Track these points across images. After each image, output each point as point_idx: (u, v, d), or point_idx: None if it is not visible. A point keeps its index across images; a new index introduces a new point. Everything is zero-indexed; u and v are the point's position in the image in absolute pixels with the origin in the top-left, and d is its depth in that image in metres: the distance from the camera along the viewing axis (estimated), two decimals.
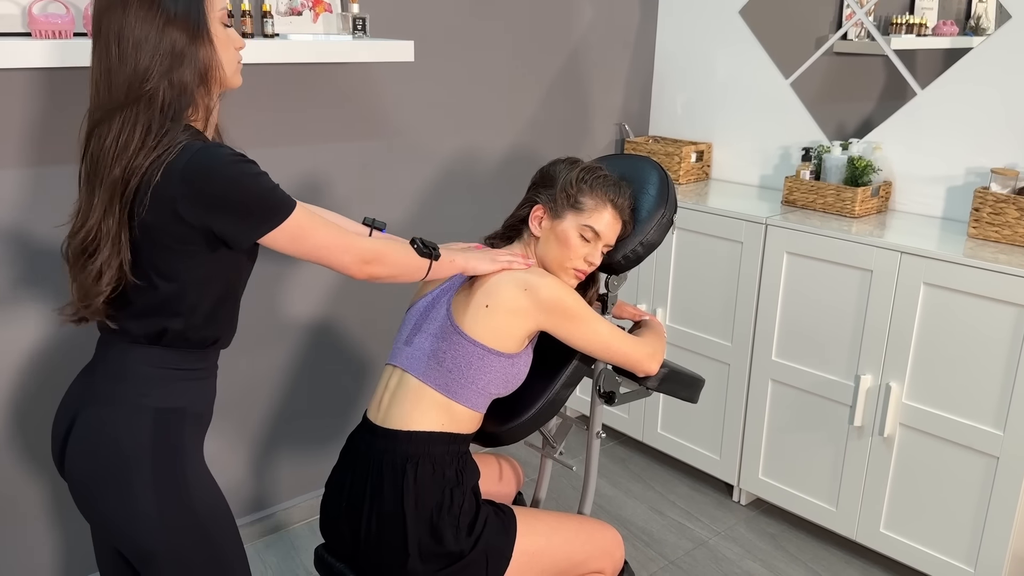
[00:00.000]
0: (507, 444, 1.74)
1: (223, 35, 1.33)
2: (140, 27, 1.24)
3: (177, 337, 1.36)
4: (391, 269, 1.43)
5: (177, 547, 1.35)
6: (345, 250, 1.37)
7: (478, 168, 2.77)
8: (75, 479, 1.37)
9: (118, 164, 1.25)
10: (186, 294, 1.33)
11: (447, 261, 1.54)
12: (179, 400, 1.38)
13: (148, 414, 1.35)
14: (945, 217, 2.54)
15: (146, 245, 1.29)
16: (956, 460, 2.22)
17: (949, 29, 2.60)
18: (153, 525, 1.33)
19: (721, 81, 3.04)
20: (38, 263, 2.00)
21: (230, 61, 1.35)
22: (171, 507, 1.34)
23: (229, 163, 1.26)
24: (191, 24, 1.27)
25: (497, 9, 2.68)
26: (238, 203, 1.27)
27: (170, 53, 1.26)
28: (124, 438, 1.33)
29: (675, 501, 2.82)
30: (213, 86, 1.33)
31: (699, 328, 2.76)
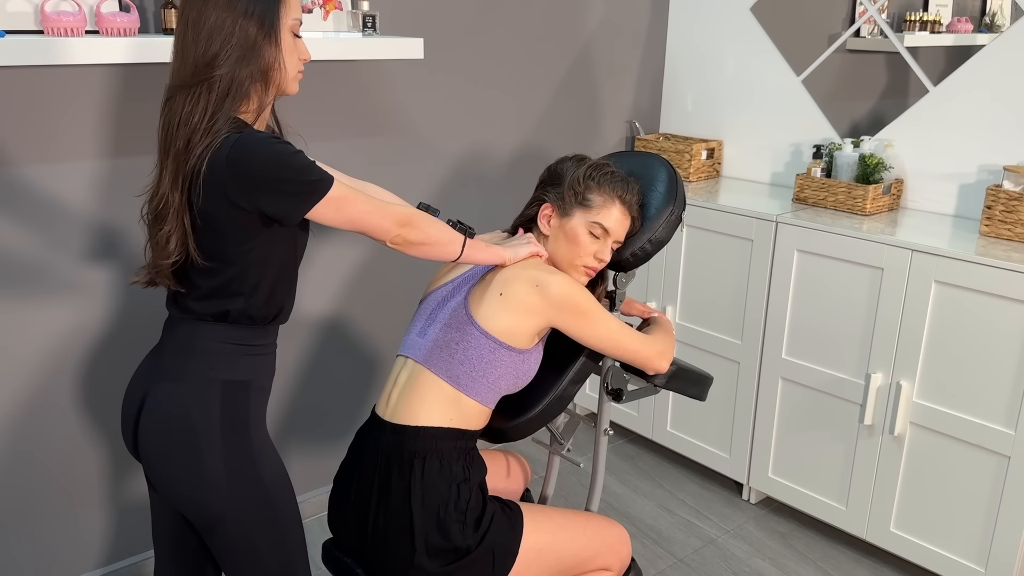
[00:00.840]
0: (514, 440, 1.74)
1: (291, 43, 1.41)
2: (217, 15, 1.33)
3: (241, 315, 1.43)
4: (423, 235, 1.47)
5: (243, 513, 1.42)
6: (384, 215, 1.42)
7: (487, 165, 2.77)
8: (149, 452, 1.44)
9: (182, 136, 1.34)
10: (246, 276, 1.41)
11: (482, 246, 1.57)
12: (245, 373, 1.46)
13: (216, 387, 1.42)
14: (957, 215, 2.52)
15: (206, 231, 1.37)
16: (967, 459, 2.20)
17: (964, 26, 2.59)
18: (222, 492, 1.40)
19: (732, 78, 3.03)
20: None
21: (292, 67, 1.43)
22: (239, 475, 1.42)
23: (267, 144, 1.33)
24: (265, 23, 1.36)
25: (507, 6, 2.68)
26: (282, 180, 1.34)
27: (240, 46, 1.34)
28: (194, 410, 1.41)
29: (684, 499, 2.81)
30: (271, 86, 1.41)
31: (709, 326, 2.76)
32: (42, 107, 1.93)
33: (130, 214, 2.05)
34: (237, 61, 1.34)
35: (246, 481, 1.43)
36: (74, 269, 2.06)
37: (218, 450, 1.40)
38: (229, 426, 1.42)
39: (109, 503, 2.26)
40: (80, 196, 2.03)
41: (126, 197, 2.06)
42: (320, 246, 2.44)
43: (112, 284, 2.12)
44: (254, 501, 1.43)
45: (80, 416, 2.16)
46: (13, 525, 2.10)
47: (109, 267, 2.10)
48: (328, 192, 1.36)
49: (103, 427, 2.20)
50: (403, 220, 1.44)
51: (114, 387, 2.14)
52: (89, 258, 2.07)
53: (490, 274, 1.62)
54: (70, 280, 2.06)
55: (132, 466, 2.26)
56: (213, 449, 1.40)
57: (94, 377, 2.15)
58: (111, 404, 2.18)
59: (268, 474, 1.46)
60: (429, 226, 1.49)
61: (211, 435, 1.41)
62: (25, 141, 1.93)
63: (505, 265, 1.60)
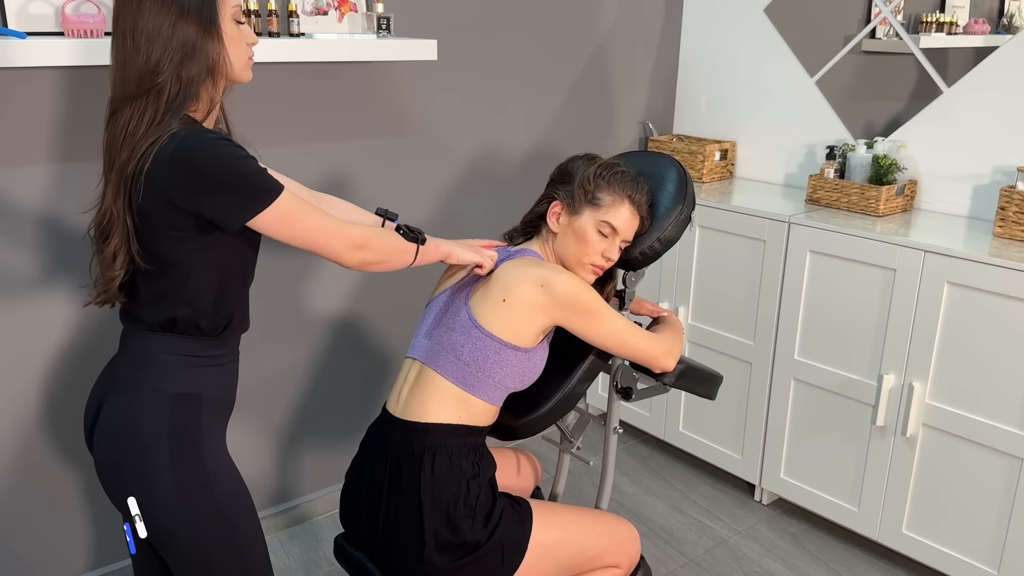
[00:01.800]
0: (523, 437, 1.75)
1: (234, 32, 1.37)
2: (153, 20, 1.29)
3: (189, 324, 1.40)
4: (380, 255, 1.44)
5: (194, 528, 1.39)
6: (335, 235, 1.37)
7: (501, 166, 2.79)
8: (101, 462, 1.43)
9: (126, 149, 1.31)
10: (188, 280, 1.37)
11: (432, 246, 1.55)
12: (195, 386, 1.42)
13: (166, 399, 1.39)
14: (971, 216, 2.51)
15: (145, 231, 1.34)
16: (979, 461, 2.20)
17: (981, 27, 2.57)
18: (171, 505, 1.37)
19: (745, 79, 3.04)
20: (66, 256, 2.05)
21: (239, 57, 1.39)
22: (188, 490, 1.38)
23: (215, 146, 1.29)
24: (203, 19, 1.31)
25: (521, 8, 2.70)
26: (225, 183, 1.29)
27: (181, 48, 1.30)
28: (144, 422, 1.38)
29: (696, 500, 2.81)
30: (219, 80, 1.37)
31: (721, 327, 2.76)
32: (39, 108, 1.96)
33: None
34: (181, 63, 1.30)
35: (195, 496, 1.39)
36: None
37: (166, 464, 1.37)
38: (178, 440, 1.39)
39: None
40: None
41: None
42: None
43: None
44: (205, 517, 1.39)
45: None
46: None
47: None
48: (274, 202, 1.31)
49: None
50: (357, 243, 1.40)
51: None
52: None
53: (491, 276, 1.63)
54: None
55: None
56: (162, 463, 1.37)
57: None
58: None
59: (221, 489, 1.41)
60: (383, 242, 1.45)
61: (160, 449, 1.37)
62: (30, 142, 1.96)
63: (451, 257, 1.59)
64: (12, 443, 2.09)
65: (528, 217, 1.78)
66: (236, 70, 1.39)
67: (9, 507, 2.11)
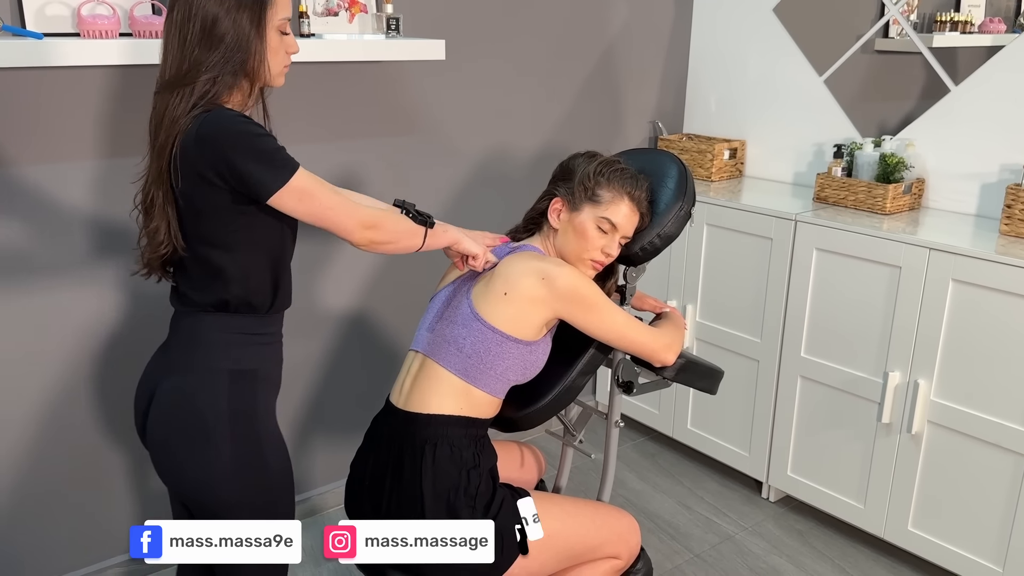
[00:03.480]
0: (524, 429, 1.78)
1: (276, 41, 1.45)
2: (206, 14, 1.37)
3: (240, 303, 1.46)
4: (389, 235, 1.49)
5: (247, 501, 1.46)
6: (347, 215, 1.43)
7: (510, 165, 2.82)
8: (156, 442, 1.49)
9: (164, 132, 1.39)
10: (237, 259, 1.44)
11: (440, 231, 1.59)
12: (251, 363, 1.49)
13: (224, 377, 1.46)
14: (979, 214, 2.51)
15: (189, 214, 1.42)
16: (984, 458, 2.20)
17: (996, 27, 2.57)
18: (230, 481, 1.44)
19: (755, 79, 3.05)
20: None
21: (277, 64, 1.47)
22: (247, 464, 1.46)
23: (235, 122, 1.37)
24: (254, 18, 1.39)
25: (530, 8, 2.73)
26: (248, 156, 1.35)
27: (228, 46, 1.38)
28: (202, 400, 1.45)
29: (703, 496, 2.83)
30: (256, 81, 1.46)
31: (729, 324, 2.77)
32: (51, 108, 2.01)
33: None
34: (223, 60, 1.38)
35: (253, 470, 1.46)
36: (84, 266, 2.13)
37: (226, 440, 1.44)
38: (237, 416, 1.45)
39: (133, 491, 2.34)
40: (89, 194, 2.11)
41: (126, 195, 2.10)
42: (339, 244, 2.49)
43: (117, 281, 2.17)
44: (258, 490, 1.47)
45: (95, 409, 2.23)
46: (36, 515, 2.19)
47: (115, 261, 2.15)
48: (292, 177, 1.37)
49: (120, 421, 2.26)
50: (368, 222, 1.45)
51: (129, 381, 2.20)
52: (97, 254, 2.14)
53: (493, 270, 1.67)
54: (81, 277, 2.13)
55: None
56: (223, 439, 1.44)
57: (109, 371, 2.21)
58: (125, 398, 2.23)
59: (274, 463, 1.49)
60: (393, 224, 1.50)
61: (220, 425, 1.44)
62: (45, 140, 2.02)
63: (458, 244, 1.63)
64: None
65: (530, 214, 1.82)
66: (273, 75, 1.47)
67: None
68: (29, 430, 2.13)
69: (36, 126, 1.97)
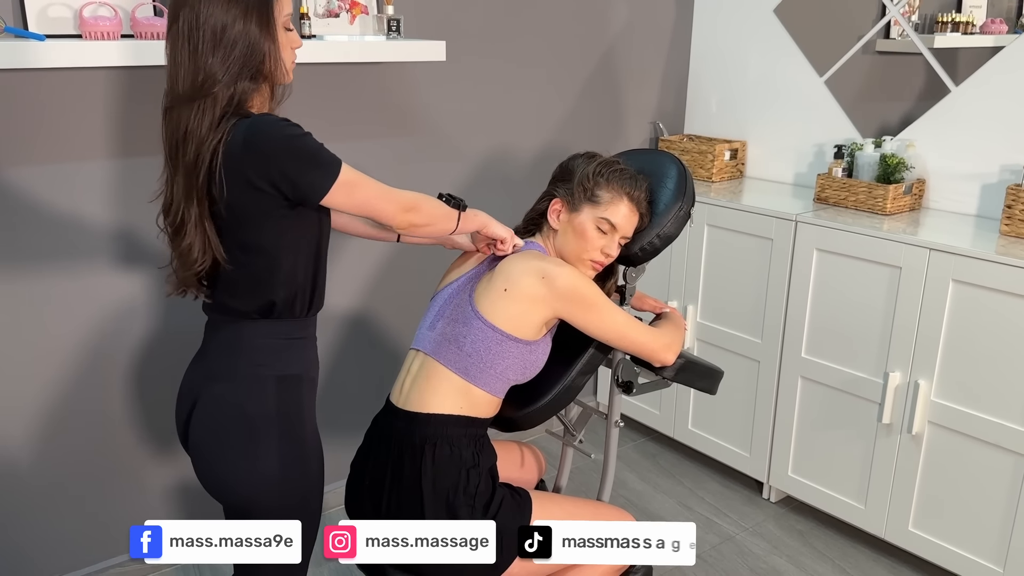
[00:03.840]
0: (524, 429, 1.79)
1: (284, 38, 1.44)
2: (217, 19, 1.34)
3: (285, 307, 1.46)
4: (428, 218, 1.53)
5: (284, 505, 1.46)
6: (389, 199, 1.46)
7: (512, 166, 2.83)
8: (199, 447, 1.49)
9: (191, 149, 1.36)
10: (282, 264, 1.43)
11: (471, 215, 1.62)
12: (295, 367, 1.50)
13: (270, 382, 1.46)
14: (979, 215, 2.51)
15: (233, 224, 1.40)
16: (985, 458, 2.20)
17: (998, 27, 2.57)
18: (272, 486, 1.45)
19: (755, 79, 3.05)
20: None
21: (287, 60, 1.46)
22: (291, 470, 1.47)
23: (278, 126, 1.36)
24: (262, 20, 1.37)
25: (531, 9, 2.73)
26: (295, 159, 1.35)
27: (240, 50, 1.36)
28: (250, 407, 1.45)
29: (704, 497, 2.83)
30: (274, 82, 1.45)
31: (729, 325, 2.78)
32: (65, 108, 2.03)
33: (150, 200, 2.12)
34: (241, 67, 1.36)
35: (296, 476, 1.48)
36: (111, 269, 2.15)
37: (274, 445, 1.45)
38: (285, 421, 1.46)
39: (173, 498, 2.36)
40: (103, 195, 2.12)
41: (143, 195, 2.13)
42: (341, 245, 2.51)
43: (143, 283, 2.21)
44: (297, 496, 1.48)
45: (123, 406, 2.25)
46: (59, 506, 2.21)
47: (142, 266, 2.19)
48: (340, 174, 1.39)
49: (150, 421, 2.29)
50: (407, 205, 1.49)
51: (160, 380, 2.26)
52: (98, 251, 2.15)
53: (495, 269, 1.67)
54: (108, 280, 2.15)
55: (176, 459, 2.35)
56: (269, 444, 1.44)
57: (143, 375, 2.25)
58: (155, 396, 2.29)
59: (314, 465, 1.52)
60: (430, 207, 1.54)
61: (268, 430, 1.44)
62: (55, 140, 2.03)
63: (487, 227, 1.65)
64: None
65: (530, 214, 1.82)
66: (287, 72, 1.46)
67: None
68: (42, 425, 2.14)
69: (39, 127, 1.98)
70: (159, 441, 2.33)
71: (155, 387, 2.27)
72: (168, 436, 2.28)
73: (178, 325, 2.24)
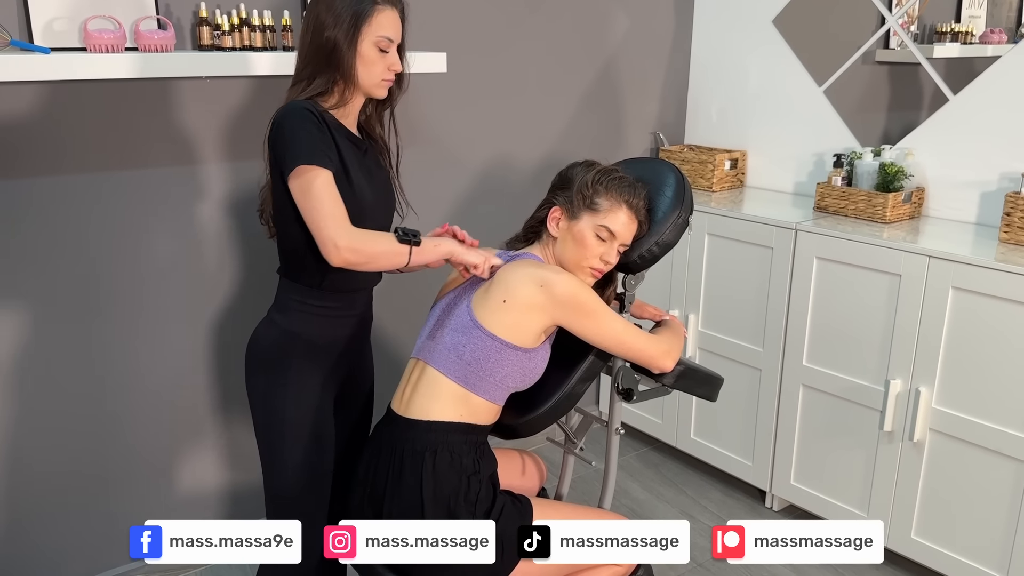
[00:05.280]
0: (524, 436, 1.79)
1: (372, 54, 1.60)
2: (317, 23, 1.57)
3: (296, 274, 1.67)
4: (366, 258, 1.54)
5: (262, 432, 1.71)
6: (328, 227, 1.50)
7: (513, 177, 2.84)
8: None
9: None
10: (291, 236, 1.62)
11: (431, 247, 1.62)
12: (296, 326, 1.68)
13: (275, 330, 1.70)
14: (979, 223, 2.52)
15: (276, 197, 1.62)
16: (986, 465, 2.20)
17: (998, 37, 2.59)
18: (257, 410, 1.71)
19: (755, 89, 3.07)
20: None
21: (370, 76, 1.62)
22: (268, 402, 1.68)
23: (294, 112, 1.53)
24: (348, 33, 1.57)
25: (531, 21, 2.76)
26: (287, 133, 1.52)
27: (325, 50, 1.57)
28: (257, 343, 1.71)
29: (707, 506, 2.83)
30: (350, 88, 1.62)
31: (731, 333, 2.78)
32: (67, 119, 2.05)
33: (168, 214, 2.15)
34: (324, 64, 1.58)
35: (271, 410, 1.68)
36: None
37: (261, 378, 1.69)
38: (273, 363, 1.67)
39: None
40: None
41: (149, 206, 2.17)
42: None
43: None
44: (271, 430, 1.68)
45: None
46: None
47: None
48: (309, 167, 1.49)
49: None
50: (343, 243, 1.49)
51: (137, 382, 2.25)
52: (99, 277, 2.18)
53: (493, 278, 1.68)
54: None
55: None
56: (258, 376, 1.69)
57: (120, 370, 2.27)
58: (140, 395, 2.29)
59: (290, 406, 1.66)
60: (372, 247, 1.54)
61: (257, 365, 1.69)
62: (59, 151, 2.05)
63: (454, 256, 1.65)
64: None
65: (529, 223, 1.83)
66: (366, 86, 1.63)
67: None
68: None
69: (45, 138, 2.00)
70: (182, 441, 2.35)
71: None
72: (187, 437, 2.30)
73: None
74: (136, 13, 1.97)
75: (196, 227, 2.26)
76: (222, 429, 2.43)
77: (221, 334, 2.36)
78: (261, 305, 1.78)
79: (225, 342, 2.37)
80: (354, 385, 1.85)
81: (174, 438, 2.36)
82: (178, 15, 2.09)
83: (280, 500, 1.71)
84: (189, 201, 2.23)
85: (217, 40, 2.07)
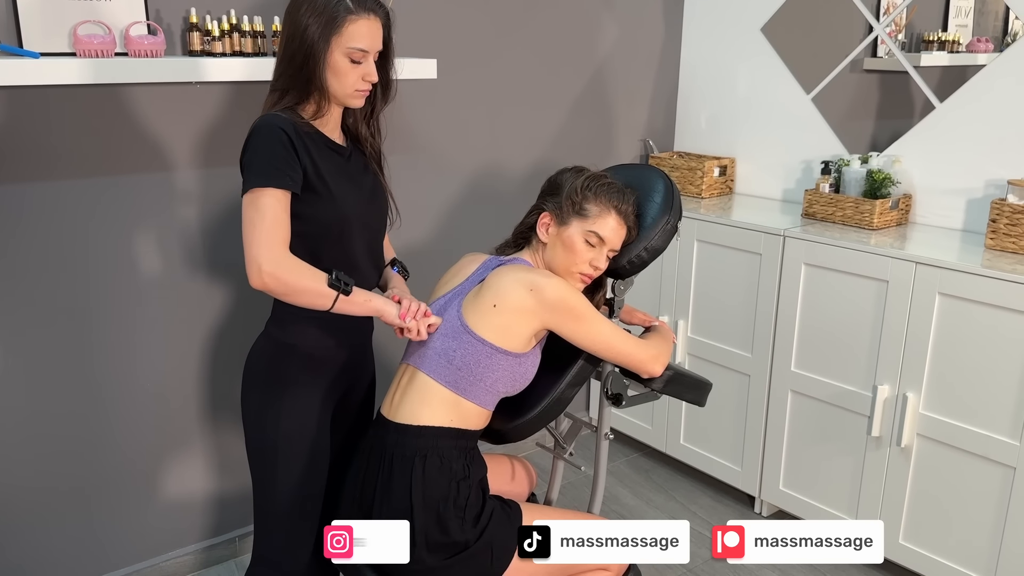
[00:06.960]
0: (514, 441, 1.80)
1: (344, 65, 1.57)
2: (290, 33, 1.56)
3: None
4: (286, 289, 1.50)
5: (253, 448, 1.70)
6: (256, 251, 1.47)
7: (502, 184, 2.85)
8: None
9: None
10: (292, 246, 1.56)
11: (361, 300, 1.58)
12: (291, 338, 1.66)
13: (271, 342, 1.69)
14: (965, 229, 2.54)
15: None
16: (973, 471, 2.21)
17: (984, 46, 2.61)
18: (250, 426, 1.70)
19: (744, 97, 3.09)
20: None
21: (342, 86, 1.59)
22: (263, 416, 1.67)
23: (266, 126, 1.53)
24: (317, 45, 1.54)
25: (522, 28, 2.77)
26: (250, 153, 1.53)
27: (296, 60, 1.56)
28: (253, 358, 1.71)
29: (697, 512, 2.84)
30: (323, 97, 1.59)
31: (719, 339, 2.79)
32: None
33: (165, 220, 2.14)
34: (295, 72, 1.56)
35: (265, 424, 1.66)
36: None
37: (256, 396, 1.68)
38: (268, 377, 1.66)
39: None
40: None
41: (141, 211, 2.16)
42: None
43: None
44: (263, 452, 1.68)
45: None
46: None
47: None
48: (256, 190, 1.48)
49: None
50: (271, 272, 1.47)
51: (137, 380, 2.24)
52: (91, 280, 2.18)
53: (483, 282, 1.69)
54: None
55: None
56: (253, 393, 1.68)
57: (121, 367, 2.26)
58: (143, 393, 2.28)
59: (285, 425, 1.65)
60: (297, 281, 1.50)
61: (253, 383, 1.69)
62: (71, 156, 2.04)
63: (382, 315, 1.62)
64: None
65: (519, 228, 1.84)
66: (339, 96, 1.61)
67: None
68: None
69: (36, 144, 1.99)
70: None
71: None
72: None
73: None
74: (126, 18, 1.97)
75: (188, 234, 2.25)
76: (209, 437, 2.43)
77: (211, 341, 2.36)
78: (252, 313, 1.78)
79: (214, 348, 2.36)
80: (354, 395, 1.83)
81: (161, 446, 2.35)
82: (168, 21, 2.09)
83: (269, 518, 1.71)
84: (177, 207, 2.23)
85: (207, 46, 2.07)
